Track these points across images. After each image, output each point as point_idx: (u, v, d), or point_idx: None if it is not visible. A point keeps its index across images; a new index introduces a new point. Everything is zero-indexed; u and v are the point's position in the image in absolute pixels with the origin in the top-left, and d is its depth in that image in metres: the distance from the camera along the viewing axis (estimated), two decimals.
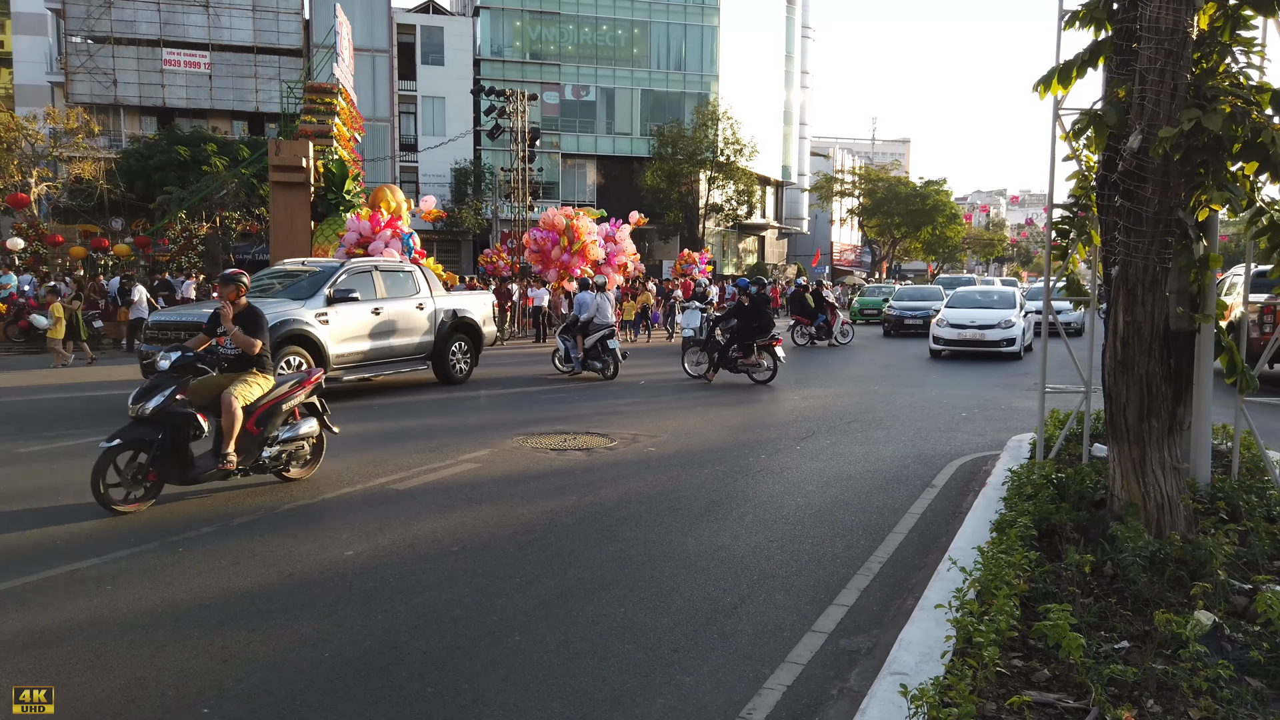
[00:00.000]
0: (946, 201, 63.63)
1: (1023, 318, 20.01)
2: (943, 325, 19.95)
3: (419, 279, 14.30)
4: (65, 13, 42.43)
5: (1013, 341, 19.34)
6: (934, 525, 6.64)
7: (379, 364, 13.31)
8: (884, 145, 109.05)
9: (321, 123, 27.20)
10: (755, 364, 15.00)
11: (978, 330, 19.55)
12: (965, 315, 20.17)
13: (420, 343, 14.04)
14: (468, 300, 15.51)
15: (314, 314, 12.19)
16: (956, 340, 19.62)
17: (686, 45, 55.12)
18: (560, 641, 4.45)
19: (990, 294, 22.07)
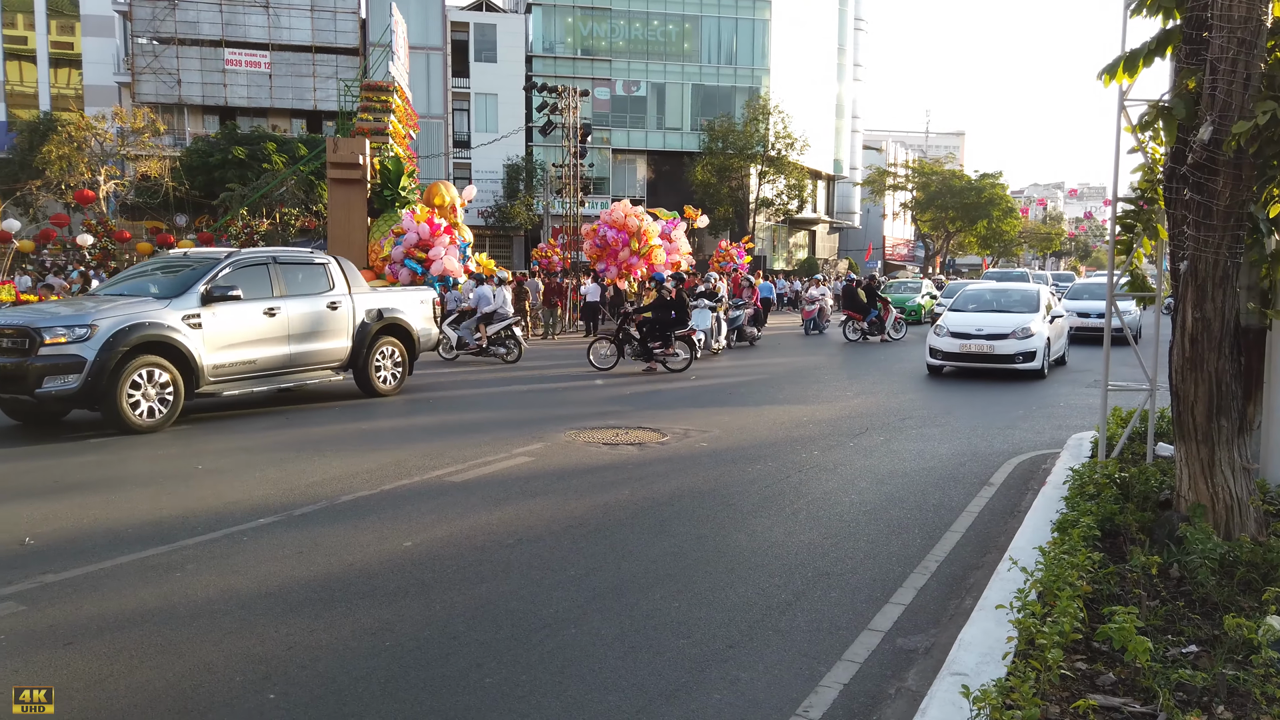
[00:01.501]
0: (1002, 195, 62.46)
1: (1049, 323, 15.45)
2: (941, 334, 15.35)
3: (334, 273, 12.28)
4: (132, 15, 43.65)
5: (1031, 355, 14.66)
6: (992, 524, 6.55)
7: (275, 374, 11.38)
8: (938, 138, 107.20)
9: (378, 120, 27.59)
10: (673, 354, 16.15)
11: (985, 341, 14.89)
12: (971, 321, 15.47)
13: (333, 349, 12.05)
14: (398, 298, 13.38)
15: (181, 316, 10.21)
16: (959, 353, 15.07)
17: (738, 39, 54.81)
18: (616, 635, 4.48)
19: (1006, 293, 17.23)
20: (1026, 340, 14.75)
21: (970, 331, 15.18)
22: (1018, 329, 14.90)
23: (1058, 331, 15.96)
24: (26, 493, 7.18)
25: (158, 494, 7.16)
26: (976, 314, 15.97)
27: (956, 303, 17.24)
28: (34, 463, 8.37)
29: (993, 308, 16.27)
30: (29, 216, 33.78)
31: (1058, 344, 16.04)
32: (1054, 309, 16.29)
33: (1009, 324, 15.11)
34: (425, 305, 13.83)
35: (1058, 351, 16.17)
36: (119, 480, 7.64)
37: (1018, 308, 15.95)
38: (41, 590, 5.00)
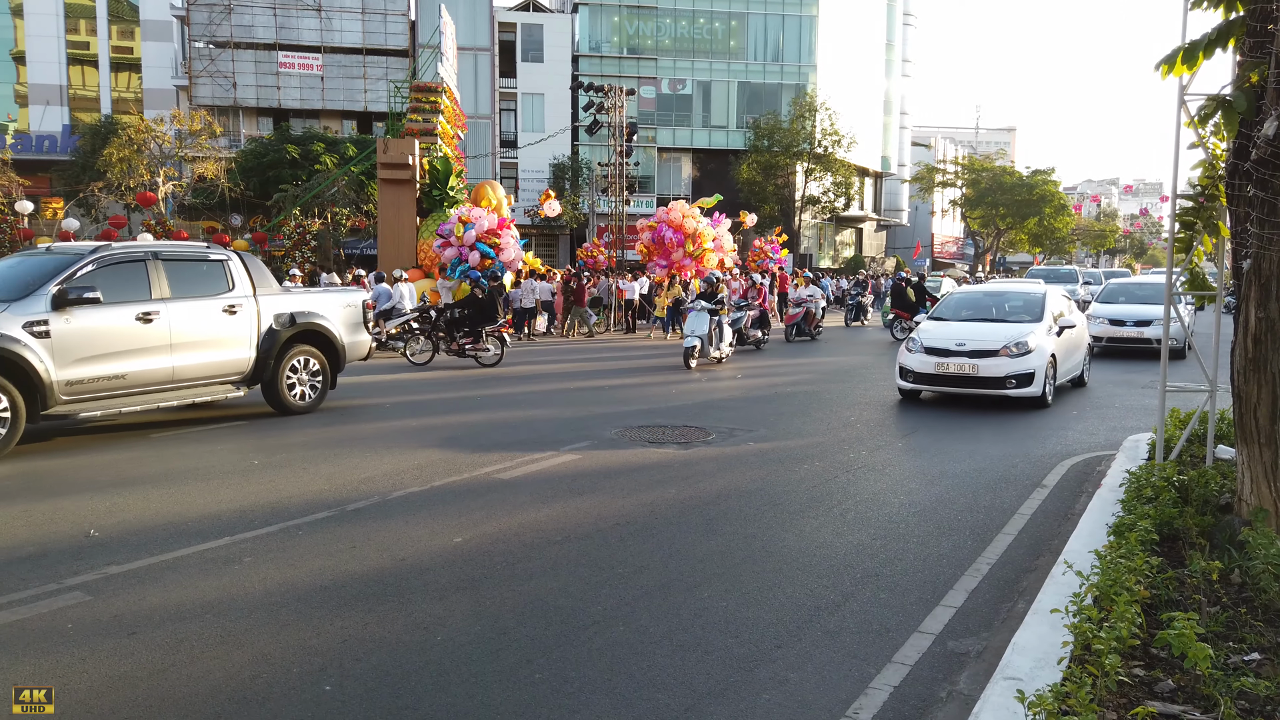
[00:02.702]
0: (1054, 191, 61.33)
1: (1055, 335, 12.23)
2: (915, 349, 12.12)
3: (234, 271, 10.49)
4: (189, 19, 44.65)
5: (1028, 378, 11.43)
6: (1045, 527, 6.45)
7: (152, 391, 9.61)
8: (988, 134, 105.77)
9: (427, 121, 27.93)
10: (483, 349, 16.90)
11: (968, 359, 11.59)
12: (952, 333, 12.14)
13: (230, 359, 10.32)
14: (318, 300, 11.61)
15: (23, 323, 8.59)
16: (934, 375, 11.82)
17: (784, 36, 54.47)
18: (664, 633, 4.50)
19: (1004, 298, 13.83)
20: (1022, 359, 11.43)
21: (949, 347, 11.71)
22: (1011, 343, 11.51)
23: (1069, 346, 12.74)
24: (90, 486, 7.40)
25: (217, 488, 7.33)
26: (962, 324, 12.61)
27: (941, 309, 13.69)
28: (97, 457, 8.62)
29: (986, 316, 13.03)
30: (90, 217, 34.77)
31: (1070, 361, 12.86)
32: (1066, 317, 12.91)
33: (999, 337, 11.66)
34: (353, 309, 11.96)
35: (1071, 370, 13.05)
36: (179, 474, 7.84)
37: (1017, 316, 12.75)
38: (106, 581, 5.15)
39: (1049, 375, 11.73)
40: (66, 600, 4.86)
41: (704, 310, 16.53)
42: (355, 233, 34.36)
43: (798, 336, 23.74)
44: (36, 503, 6.84)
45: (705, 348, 16.27)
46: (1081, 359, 13.59)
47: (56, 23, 46.28)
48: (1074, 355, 13.10)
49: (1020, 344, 11.56)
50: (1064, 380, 12.73)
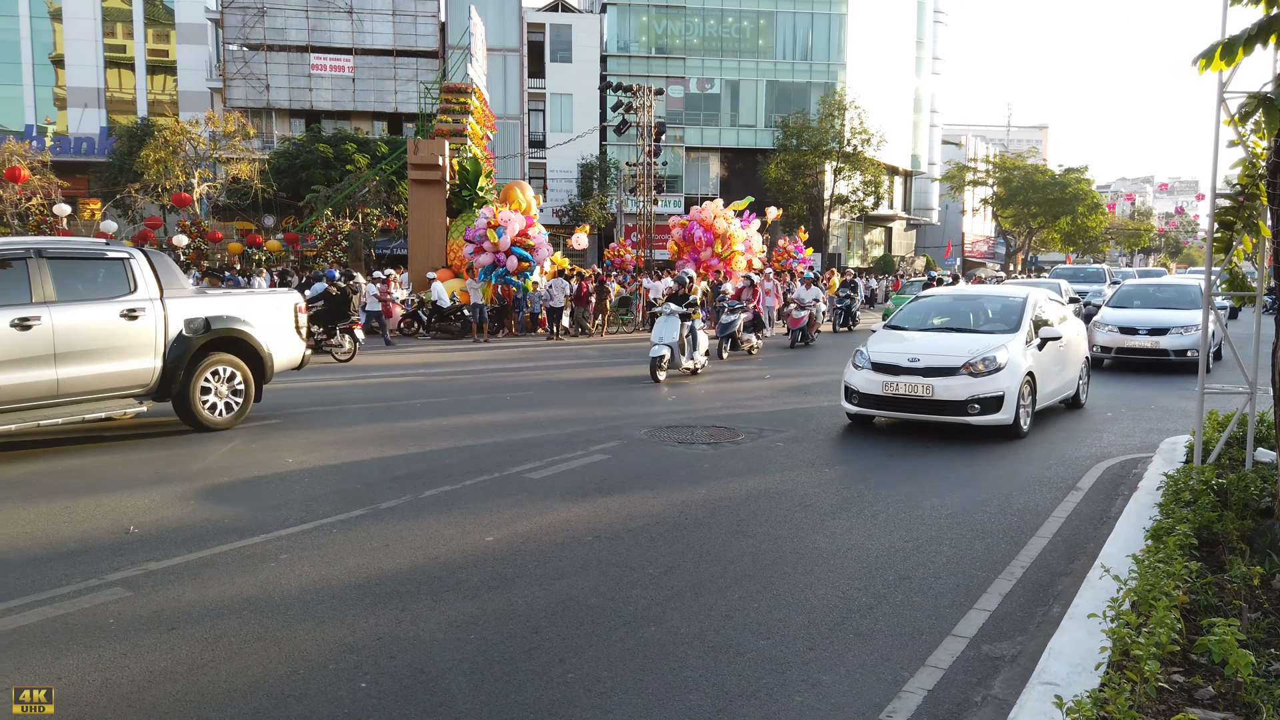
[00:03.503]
0: (1087, 190, 60.53)
1: (1035, 349, 10.07)
2: (862, 365, 10.02)
3: (137, 271, 9.30)
4: (223, 22, 45.27)
5: (995, 401, 9.29)
6: (1080, 530, 6.37)
7: (32, 407, 8.54)
8: (1020, 132, 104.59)
9: (456, 122, 28.12)
10: (336, 344, 17.84)
11: (922, 379, 9.49)
12: (906, 348, 10.07)
13: (130, 370, 9.12)
14: (240, 304, 10.38)
15: None
16: (883, 397, 9.71)
17: (813, 34, 54.22)
18: (695, 634, 4.50)
19: (977, 303, 11.44)
20: (988, 378, 9.24)
21: (900, 363, 9.65)
22: (976, 359, 9.35)
23: (1056, 361, 10.60)
24: (130, 483, 7.52)
25: (252, 486, 7.43)
26: (922, 335, 10.63)
27: (901, 316, 11.50)
28: (136, 455, 8.76)
29: (953, 325, 10.90)
30: (127, 218, 35.33)
31: (1058, 380, 10.75)
32: (1054, 327, 10.60)
33: (961, 351, 9.57)
34: (283, 312, 10.76)
35: (1062, 390, 10.96)
36: (217, 471, 7.95)
37: (989, 325, 10.58)
38: (145, 577, 5.24)
39: (1024, 398, 9.56)
40: (108, 595, 4.95)
41: (673, 315, 14.55)
42: (386, 233, 34.65)
43: (801, 343, 21.49)
44: (78, 499, 6.97)
45: (675, 357, 14.45)
46: (1076, 376, 11.36)
47: (94, 27, 47.04)
48: (1064, 372, 10.91)
49: (987, 359, 9.34)
50: (1052, 402, 10.73)
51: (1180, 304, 16.31)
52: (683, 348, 14.58)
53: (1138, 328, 15.79)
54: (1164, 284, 18.41)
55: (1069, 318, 11.65)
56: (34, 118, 46.82)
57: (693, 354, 14.93)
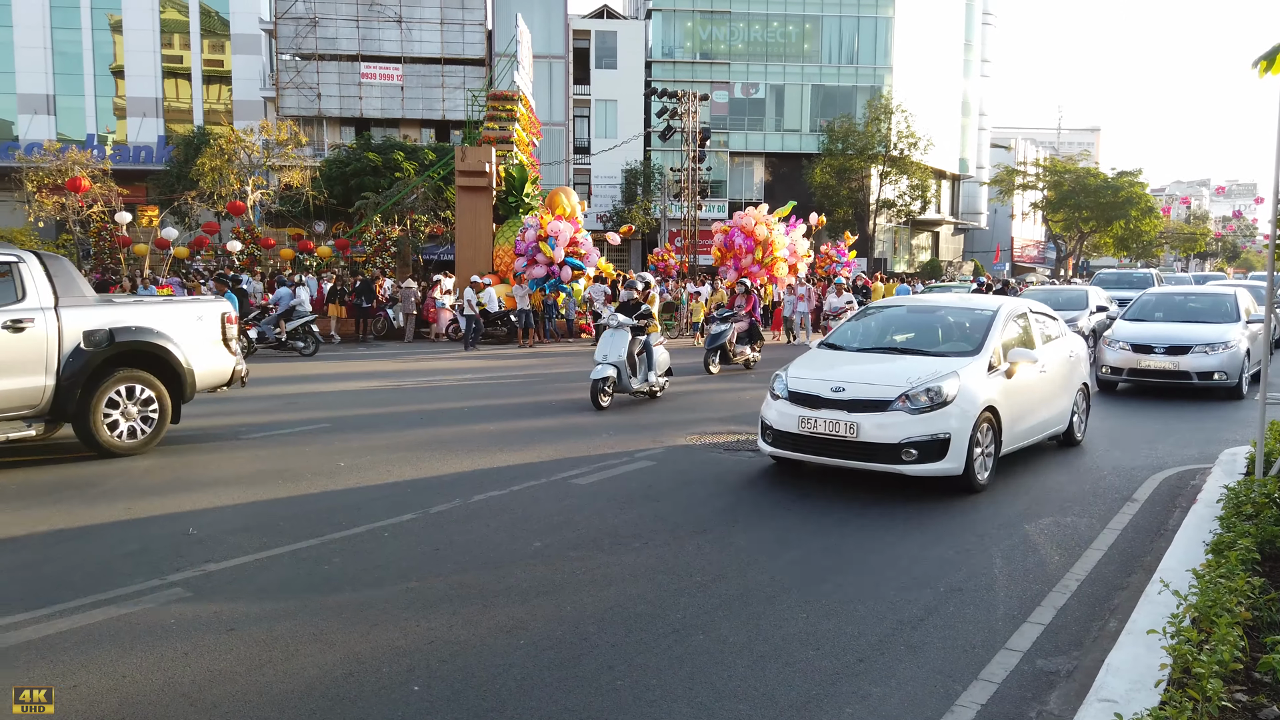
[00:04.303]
0: (1141, 193, 59.28)
1: (1001, 375, 7.94)
2: (780, 394, 8.01)
3: (26, 277, 8.35)
4: (277, 33, 46.23)
5: (937, 446, 7.19)
6: (1136, 543, 6.25)
7: None
8: (1070, 134, 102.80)
9: (503, 129, 28.38)
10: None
11: (845, 415, 7.42)
12: (835, 370, 8.11)
13: (16, 389, 8.16)
14: (154, 313, 9.22)
15: None
16: (801, 435, 7.65)
17: (859, 38, 53.85)
18: (743, 643, 4.50)
19: (935, 316, 9.21)
20: (929, 416, 7.17)
21: (823, 393, 7.61)
22: (919, 389, 7.31)
23: (1033, 392, 8.44)
24: (188, 485, 7.71)
25: (307, 489, 7.57)
26: (860, 356, 8.48)
27: (841, 332, 9.25)
28: (194, 458, 8.97)
29: (899, 345, 8.73)
30: (184, 225, 36.18)
31: (1038, 414, 8.58)
32: (1036, 348, 8.56)
33: (897, 379, 7.55)
34: (207, 323, 9.69)
35: (1043, 427, 8.79)
36: (272, 474, 8.12)
37: (945, 344, 8.43)
38: (205, 578, 5.37)
39: (982, 441, 7.48)
40: (168, 596, 5.08)
41: (620, 329, 12.29)
42: (433, 239, 35.06)
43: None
44: (138, 500, 7.16)
45: (625, 379, 12.15)
46: (1067, 407, 9.20)
47: (153, 38, 48.32)
48: (1050, 403, 8.81)
49: (931, 390, 7.23)
50: (1031, 441, 8.60)
51: (1210, 317, 13.95)
52: (633, 367, 12.38)
53: (1153, 345, 13.22)
54: (1193, 293, 15.84)
55: (1063, 335, 9.57)
56: (95, 127, 48.19)
57: (647, 374, 12.69)
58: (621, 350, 12.15)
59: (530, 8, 45.58)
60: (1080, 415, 9.68)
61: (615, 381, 12.15)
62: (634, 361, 12.45)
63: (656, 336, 13.27)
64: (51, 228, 37.08)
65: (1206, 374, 12.85)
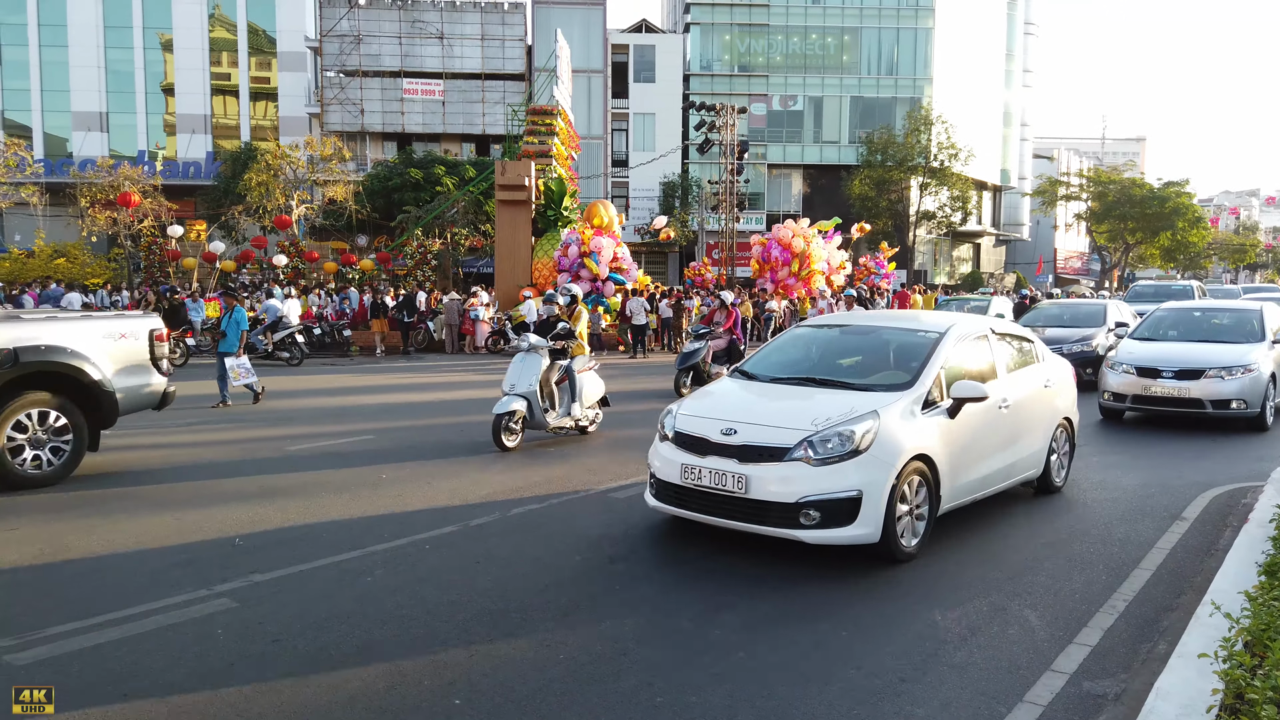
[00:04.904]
0: (1188, 204, 58.11)
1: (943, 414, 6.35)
2: (668, 431, 6.54)
3: None
4: (321, 50, 47.17)
5: (843, 507, 5.70)
6: (1186, 563, 6.12)
7: None
8: (1115, 144, 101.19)
9: (542, 143, 28.65)
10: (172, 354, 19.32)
11: (735, 465, 5.93)
12: (731, 409, 6.52)
13: None
14: (64, 331, 8.40)
15: None
16: (685, 488, 6.19)
17: (899, 49, 53.58)
18: (783, 662, 4.47)
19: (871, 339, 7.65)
20: (835, 468, 5.77)
21: (713, 436, 6.18)
22: (821, 435, 5.89)
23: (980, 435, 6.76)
24: (235, 497, 7.84)
25: (350, 501, 7.67)
26: (768, 390, 6.95)
27: (759, 358, 7.68)
28: (240, 468, 9.13)
29: (818, 375, 7.02)
30: (231, 239, 36.90)
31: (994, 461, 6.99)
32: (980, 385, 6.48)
33: (803, 420, 6.05)
34: (130, 342, 8.84)
35: (1005, 474, 7.25)
36: (316, 486, 8.23)
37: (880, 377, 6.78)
38: (251, 589, 5.46)
39: (911, 498, 6.02)
40: (216, 606, 5.17)
41: (533, 352, 10.38)
42: (473, 252, 35.44)
43: None
44: (187, 511, 7.30)
45: (537, 414, 10.15)
46: (1040, 448, 7.67)
47: (202, 56, 49.48)
48: (1012, 446, 7.20)
49: (841, 435, 5.80)
50: (985, 493, 7.00)
51: (1230, 336, 12.28)
52: (551, 399, 10.49)
53: (1161, 368, 11.58)
54: (1213, 308, 14.07)
55: (1040, 360, 8.01)
56: (146, 143, 49.39)
57: (570, 407, 10.66)
58: (532, 378, 10.17)
59: (570, 23, 46.01)
60: (1061, 456, 8.10)
61: (528, 416, 10.17)
62: (552, 392, 10.49)
63: (584, 360, 11.21)
64: (104, 242, 38.04)
65: (1222, 402, 11.20)
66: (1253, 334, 12.18)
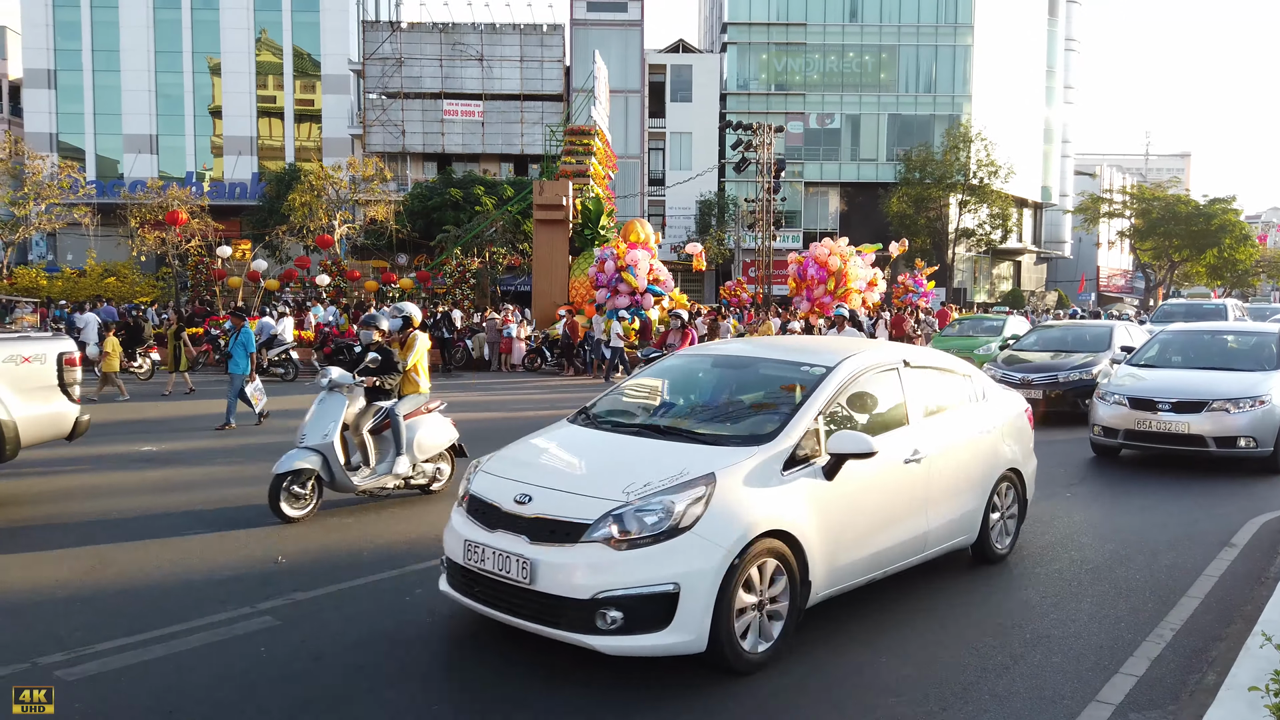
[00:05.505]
0: (1235, 221, 56.96)
1: (815, 477, 4.89)
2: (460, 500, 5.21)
3: None
4: (364, 73, 48.12)
5: (657, 603, 4.29)
6: (1235, 591, 5.98)
7: None
8: (1159, 160, 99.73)
9: (580, 163, 28.91)
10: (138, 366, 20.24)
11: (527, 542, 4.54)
12: (536, 471, 5.06)
13: None
14: None
15: None
16: (470, 570, 4.80)
17: (937, 67, 53.37)
18: (821, 688, 4.44)
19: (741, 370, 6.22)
20: (647, 552, 4.37)
21: (503, 503, 4.79)
22: (631, 507, 4.46)
23: (872, 506, 5.30)
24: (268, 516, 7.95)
25: (389, 520, 7.75)
26: (594, 439, 5.49)
27: (609, 399, 6.15)
28: None
29: (658, 423, 5.58)
30: (275, 258, 37.61)
31: (896, 531, 5.50)
32: (866, 440, 4.92)
33: (613, 486, 4.62)
34: (34, 367, 8.08)
35: (921, 546, 5.76)
36: (357, 504, 8.32)
37: (736, 426, 5.40)
38: (293, 607, 5.53)
39: (757, 588, 4.61)
40: (259, 624, 5.25)
41: (335, 391, 8.01)
42: (511, 270, 35.78)
43: None
44: (231, 530, 7.42)
45: (336, 472, 7.77)
46: (973, 510, 6.16)
47: (249, 80, 50.68)
48: (931, 509, 5.74)
49: (660, 508, 4.46)
50: (890, 570, 5.53)
51: (1242, 362, 10.75)
52: (363, 451, 8.20)
53: (1157, 400, 10.02)
54: (1224, 331, 12.48)
55: (977, 398, 6.49)
56: (193, 165, 50.62)
57: (393, 461, 8.19)
58: (329, 426, 7.78)
59: (607, 44, 46.53)
60: (1005, 517, 6.60)
61: (323, 476, 7.74)
62: (363, 442, 8.19)
63: (416, 400, 8.58)
64: (152, 261, 38.97)
65: (1228, 439, 9.62)
66: (1270, 360, 10.51)
